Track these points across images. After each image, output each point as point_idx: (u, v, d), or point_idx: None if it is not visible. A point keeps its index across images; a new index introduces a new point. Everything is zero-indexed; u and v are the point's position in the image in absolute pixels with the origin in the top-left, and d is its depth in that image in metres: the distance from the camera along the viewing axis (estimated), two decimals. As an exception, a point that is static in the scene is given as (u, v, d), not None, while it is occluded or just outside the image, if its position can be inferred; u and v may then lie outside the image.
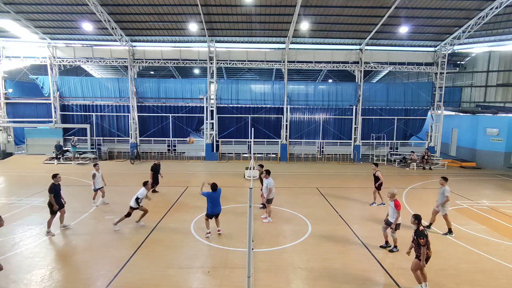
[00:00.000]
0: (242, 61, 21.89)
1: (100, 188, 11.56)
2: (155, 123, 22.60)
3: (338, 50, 21.94)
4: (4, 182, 15.23)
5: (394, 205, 7.91)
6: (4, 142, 21.82)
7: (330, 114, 22.81)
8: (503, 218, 10.77)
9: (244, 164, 19.52)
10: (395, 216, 7.90)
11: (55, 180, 9.16)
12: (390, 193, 8.15)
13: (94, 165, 11.66)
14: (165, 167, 19.04)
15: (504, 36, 19.98)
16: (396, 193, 8.17)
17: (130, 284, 6.58)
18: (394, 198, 8.03)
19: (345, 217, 10.75)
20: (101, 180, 11.58)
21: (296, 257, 7.82)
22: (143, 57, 21.87)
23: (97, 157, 21.12)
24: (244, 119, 22.53)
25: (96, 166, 11.58)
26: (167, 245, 8.30)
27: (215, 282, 6.69)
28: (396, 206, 7.87)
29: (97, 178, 11.39)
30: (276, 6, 17.57)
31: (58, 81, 21.96)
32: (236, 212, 11.03)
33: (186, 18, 18.90)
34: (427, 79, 23.95)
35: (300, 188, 14.39)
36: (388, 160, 22.02)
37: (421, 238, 6.14)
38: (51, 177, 9.19)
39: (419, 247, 6.22)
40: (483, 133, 20.82)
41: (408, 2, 16.96)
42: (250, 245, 4.60)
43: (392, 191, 8.15)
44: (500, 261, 7.71)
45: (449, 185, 9.55)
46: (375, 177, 11.95)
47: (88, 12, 17.88)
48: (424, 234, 6.18)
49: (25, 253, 7.75)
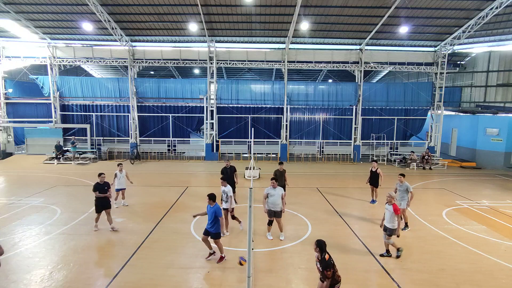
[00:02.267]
0: (242, 61, 21.89)
1: (122, 189, 11.28)
2: (155, 123, 22.60)
3: (338, 50, 21.94)
4: (4, 182, 15.23)
5: (393, 209, 7.50)
6: (4, 142, 21.82)
7: (330, 114, 22.81)
8: (503, 218, 10.76)
9: (244, 164, 19.50)
10: (393, 221, 7.53)
11: (99, 179, 9.02)
12: (389, 197, 7.72)
13: (118, 164, 11.35)
14: (165, 167, 19.13)
15: (504, 36, 19.98)
16: (394, 196, 7.80)
17: (130, 284, 6.58)
18: (393, 202, 7.63)
19: (345, 217, 10.75)
20: (124, 181, 11.26)
21: (296, 257, 7.82)
22: (143, 57, 21.88)
23: (97, 157, 21.12)
24: (244, 119, 22.52)
25: (120, 166, 11.28)
26: (167, 245, 8.29)
27: (215, 282, 6.69)
28: (395, 211, 7.48)
29: (119, 178, 11.09)
30: (276, 6, 17.57)
31: (58, 81, 21.96)
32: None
33: (186, 18, 18.89)
34: (427, 79, 23.94)
35: (300, 188, 14.39)
36: (388, 160, 22.03)
37: (328, 271, 5.06)
38: (97, 175, 9.16)
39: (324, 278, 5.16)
40: (483, 133, 20.81)
41: (408, 2, 16.95)
42: (250, 245, 4.59)
43: (391, 194, 7.78)
44: (500, 261, 7.71)
45: (449, 185, 9.56)
46: (374, 174, 11.89)
47: (88, 12, 17.88)
48: (330, 264, 5.11)
49: (25, 253, 7.75)
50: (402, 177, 9.73)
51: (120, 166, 11.30)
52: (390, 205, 7.63)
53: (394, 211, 7.49)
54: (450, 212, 11.37)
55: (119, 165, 11.35)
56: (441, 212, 11.28)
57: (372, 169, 12.10)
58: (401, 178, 9.71)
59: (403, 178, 9.71)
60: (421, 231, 9.55)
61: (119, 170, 11.16)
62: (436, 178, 17.17)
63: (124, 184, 11.32)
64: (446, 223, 10.20)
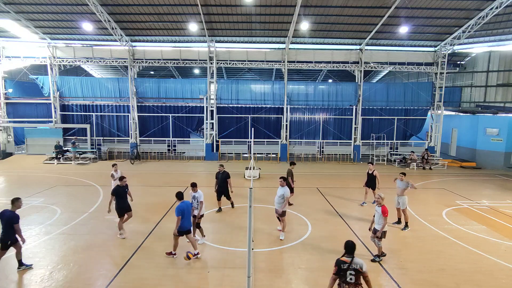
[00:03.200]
0: (242, 61, 21.89)
1: None
2: (155, 123, 22.60)
3: (338, 50, 21.94)
4: (4, 182, 15.23)
5: (381, 211, 7.36)
6: (4, 142, 21.82)
7: (330, 114, 22.81)
8: (503, 218, 10.76)
9: (244, 164, 19.51)
10: (380, 222, 7.40)
11: (121, 182, 8.86)
12: (378, 198, 7.59)
13: (113, 165, 11.31)
14: (165, 167, 19.12)
15: (504, 36, 19.98)
16: (384, 197, 7.61)
17: (130, 284, 6.58)
18: (382, 204, 7.49)
19: (345, 217, 10.75)
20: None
21: (296, 257, 7.82)
22: (143, 57, 21.88)
23: (97, 157, 21.12)
24: (244, 119, 22.52)
25: (114, 166, 11.24)
26: (167, 245, 8.29)
27: (215, 282, 6.69)
28: (383, 213, 7.33)
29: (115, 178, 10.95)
30: (276, 6, 17.57)
31: (58, 81, 21.96)
32: (236, 212, 11.04)
33: (186, 18, 18.90)
34: (427, 79, 23.94)
35: (300, 188, 14.37)
36: (388, 160, 22.02)
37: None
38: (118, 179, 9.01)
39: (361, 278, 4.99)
40: (483, 133, 20.81)
41: (408, 2, 16.95)
42: (250, 245, 4.59)
43: (380, 195, 7.61)
44: (500, 261, 7.71)
45: (449, 185, 9.63)
46: (370, 176, 11.73)
47: (88, 12, 17.88)
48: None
49: (25, 253, 7.72)
50: (403, 176, 9.94)
51: (115, 166, 11.26)
52: (379, 206, 7.52)
53: (382, 212, 7.37)
54: (450, 212, 11.38)
55: (114, 165, 11.32)
56: (441, 212, 11.28)
57: (369, 172, 11.84)
58: (402, 177, 9.92)
59: (404, 177, 9.90)
60: (421, 231, 9.55)
61: (114, 170, 11.14)
62: (436, 178, 17.17)
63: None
64: (446, 223, 10.20)
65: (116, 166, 11.35)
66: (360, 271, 4.83)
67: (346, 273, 4.84)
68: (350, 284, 4.84)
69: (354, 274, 4.83)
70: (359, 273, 4.84)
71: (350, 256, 4.92)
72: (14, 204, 6.98)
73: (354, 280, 4.84)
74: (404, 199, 9.73)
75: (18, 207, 7.01)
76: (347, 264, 4.85)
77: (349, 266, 4.84)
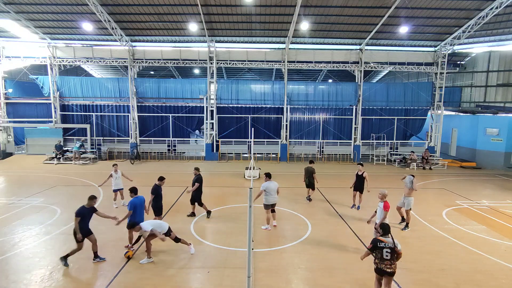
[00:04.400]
0: (242, 61, 21.89)
1: (119, 189, 11.20)
2: (155, 123, 22.60)
3: (338, 50, 21.94)
4: (4, 182, 15.23)
5: (383, 206, 7.76)
6: (4, 142, 21.82)
7: (330, 114, 22.80)
8: (503, 218, 10.76)
9: (244, 164, 19.51)
10: (381, 217, 7.75)
11: (159, 183, 8.89)
12: (381, 194, 8.00)
13: (113, 165, 11.31)
14: (165, 167, 19.11)
15: (504, 36, 19.98)
16: (387, 194, 8.04)
17: (130, 284, 6.58)
18: (384, 199, 7.90)
19: (345, 217, 10.75)
20: (120, 181, 11.16)
21: (296, 257, 7.82)
22: (143, 57, 21.87)
23: (97, 157, 21.12)
24: (244, 119, 22.52)
25: (115, 166, 11.24)
26: (167, 245, 8.28)
27: (215, 282, 6.69)
28: (385, 207, 7.72)
29: (115, 179, 11.02)
30: (276, 6, 17.57)
31: (58, 81, 21.96)
32: (236, 212, 11.04)
33: (186, 18, 18.90)
34: (427, 79, 23.94)
35: (300, 188, 14.36)
36: (388, 160, 22.02)
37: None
38: (158, 179, 9.02)
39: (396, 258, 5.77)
40: (483, 133, 20.81)
41: (408, 2, 16.96)
42: (250, 245, 4.59)
43: (383, 192, 8.02)
44: (500, 261, 7.71)
45: (449, 185, 9.64)
46: (359, 178, 11.36)
47: (88, 12, 17.88)
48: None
49: (25, 253, 7.75)
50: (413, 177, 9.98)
51: (115, 166, 11.27)
52: (381, 202, 7.92)
53: (383, 208, 7.76)
54: (450, 212, 11.38)
55: (114, 165, 11.35)
56: (441, 212, 11.28)
57: (358, 173, 11.37)
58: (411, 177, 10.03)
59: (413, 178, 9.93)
60: (421, 231, 9.55)
61: (114, 170, 11.15)
62: (436, 178, 17.17)
63: (121, 185, 11.26)
64: (446, 223, 10.21)
65: (116, 166, 11.38)
66: (395, 249, 5.57)
67: (383, 250, 5.58)
68: (386, 261, 5.58)
69: (390, 252, 5.56)
70: (394, 251, 5.57)
71: (386, 236, 5.65)
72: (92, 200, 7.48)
73: (390, 257, 5.57)
74: (409, 200, 9.67)
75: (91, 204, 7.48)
76: (384, 243, 5.60)
77: (385, 245, 5.59)
